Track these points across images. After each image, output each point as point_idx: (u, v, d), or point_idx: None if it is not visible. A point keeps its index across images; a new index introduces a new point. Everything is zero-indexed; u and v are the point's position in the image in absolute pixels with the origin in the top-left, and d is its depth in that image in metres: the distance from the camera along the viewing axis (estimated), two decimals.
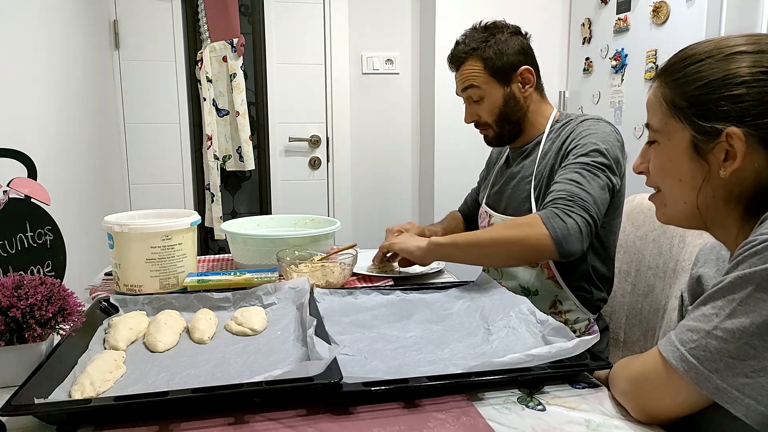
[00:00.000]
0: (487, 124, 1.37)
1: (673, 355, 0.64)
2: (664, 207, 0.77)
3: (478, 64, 1.32)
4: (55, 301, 0.79)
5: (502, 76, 1.32)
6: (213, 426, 0.66)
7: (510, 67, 1.32)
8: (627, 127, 2.29)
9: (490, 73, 1.31)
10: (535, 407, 0.71)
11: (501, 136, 1.38)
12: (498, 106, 1.33)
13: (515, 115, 1.35)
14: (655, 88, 0.74)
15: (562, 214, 1.10)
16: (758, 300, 0.58)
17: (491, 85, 1.32)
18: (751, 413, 0.58)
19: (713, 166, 0.68)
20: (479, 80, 1.32)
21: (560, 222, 1.09)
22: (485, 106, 1.34)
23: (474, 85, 1.32)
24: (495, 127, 1.36)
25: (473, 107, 1.37)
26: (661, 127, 0.72)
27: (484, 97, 1.33)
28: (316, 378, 0.69)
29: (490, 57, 1.31)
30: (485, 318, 1.00)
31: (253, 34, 2.65)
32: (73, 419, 0.66)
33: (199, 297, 1.06)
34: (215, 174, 2.58)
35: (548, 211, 1.12)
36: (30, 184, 1.05)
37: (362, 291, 1.13)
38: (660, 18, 2.06)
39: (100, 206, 2.13)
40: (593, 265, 1.29)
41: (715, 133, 0.66)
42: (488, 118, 1.35)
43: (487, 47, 1.31)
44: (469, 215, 1.62)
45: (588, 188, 1.14)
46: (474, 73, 1.32)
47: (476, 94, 1.33)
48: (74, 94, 1.94)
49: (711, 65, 0.67)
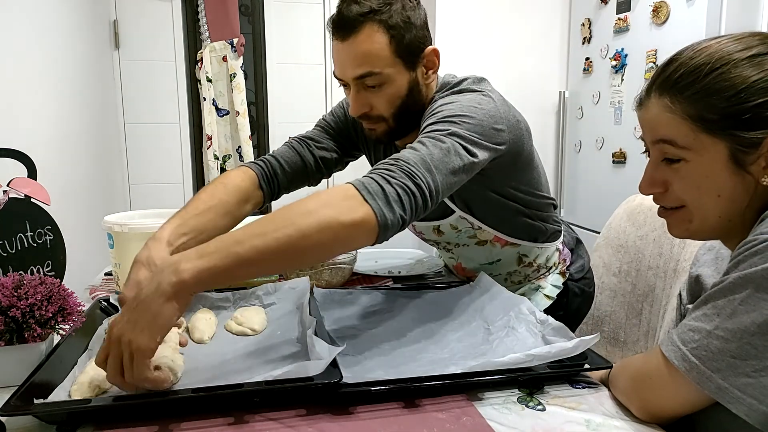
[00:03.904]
0: (380, 118, 1.04)
1: (674, 355, 0.64)
2: (688, 223, 0.72)
3: (380, 36, 0.96)
4: (55, 301, 0.79)
5: (408, 56, 0.99)
6: (213, 426, 0.66)
7: (418, 45, 1.00)
8: (627, 127, 2.29)
9: (397, 51, 0.97)
10: (535, 407, 0.71)
11: (394, 132, 1.07)
12: (400, 96, 1.01)
13: (416, 105, 1.04)
14: (669, 103, 0.68)
15: (384, 183, 0.78)
16: (759, 299, 0.58)
17: (396, 69, 0.99)
18: (753, 413, 0.58)
19: (755, 176, 0.65)
20: (382, 62, 0.97)
21: (381, 193, 0.77)
22: (383, 95, 1.00)
23: (374, 71, 0.97)
24: (390, 122, 1.04)
25: (364, 95, 1.01)
26: (689, 143, 0.67)
27: (384, 83, 0.99)
28: (316, 378, 0.69)
29: (396, 26, 0.96)
30: (485, 318, 1.00)
31: (253, 34, 2.65)
32: (73, 419, 0.66)
33: (199, 297, 1.06)
34: (215, 174, 2.58)
35: (367, 179, 0.79)
36: (30, 184, 1.05)
37: (362, 291, 1.13)
38: (660, 18, 2.06)
39: (100, 206, 2.13)
40: (528, 213, 1.16)
41: (756, 143, 0.64)
42: (384, 111, 1.02)
43: (393, 12, 0.96)
44: (291, 174, 1.18)
45: (425, 154, 0.84)
46: (376, 51, 0.96)
47: (374, 80, 0.98)
48: (74, 94, 1.94)
49: (730, 74, 0.64)
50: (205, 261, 0.68)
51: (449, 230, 1.19)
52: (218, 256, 0.69)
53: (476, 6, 2.58)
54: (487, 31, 2.62)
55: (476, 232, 1.18)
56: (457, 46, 2.59)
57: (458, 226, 1.17)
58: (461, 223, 1.16)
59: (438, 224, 1.19)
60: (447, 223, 1.18)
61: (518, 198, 1.14)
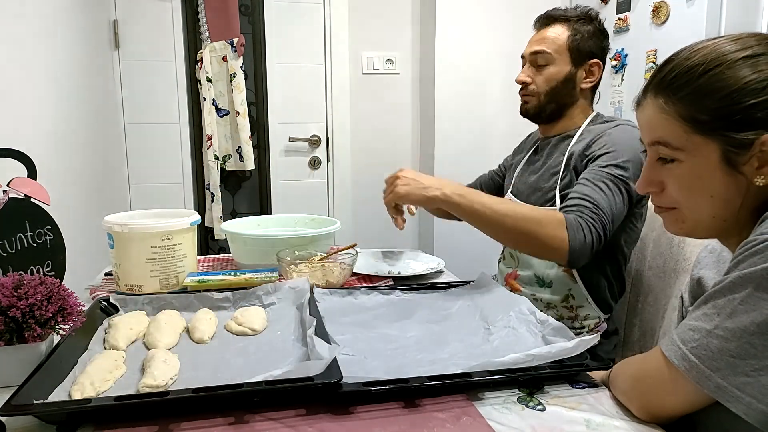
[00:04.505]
0: (535, 92, 1.35)
1: (674, 354, 0.64)
2: (682, 223, 0.73)
3: (563, 31, 1.32)
4: (55, 301, 0.79)
5: (578, 54, 1.32)
6: (213, 426, 0.66)
7: (587, 52, 1.32)
8: None
9: (569, 45, 1.31)
10: (535, 407, 0.71)
11: (541, 110, 1.36)
12: (557, 80, 1.32)
13: (565, 98, 1.34)
14: (663, 104, 0.69)
15: (585, 227, 1.10)
16: (759, 299, 0.59)
17: (563, 57, 1.32)
18: (752, 412, 0.58)
19: (748, 177, 0.66)
20: (555, 47, 1.31)
21: (581, 235, 1.09)
22: (545, 74, 1.33)
23: (545, 51, 1.32)
24: (542, 98, 1.35)
25: (531, 70, 1.35)
26: (682, 144, 0.68)
27: (549, 65, 1.32)
28: (316, 378, 0.69)
29: (579, 31, 1.31)
30: (485, 318, 1.00)
31: (253, 34, 2.65)
32: (73, 419, 0.66)
33: (199, 297, 1.06)
34: (215, 174, 2.58)
35: (574, 219, 1.11)
36: (30, 184, 1.05)
37: (362, 291, 1.13)
38: (660, 18, 2.06)
39: (100, 206, 2.13)
40: (610, 265, 1.29)
41: (747, 143, 0.64)
42: (541, 87, 1.34)
43: (583, 24, 1.32)
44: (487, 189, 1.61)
45: (612, 204, 1.14)
46: (554, 38, 1.32)
47: (545, 58, 1.32)
48: (74, 94, 1.94)
49: (724, 74, 0.65)
50: (457, 195, 1.13)
51: None
52: (466, 199, 1.13)
53: (476, 6, 2.58)
54: (487, 32, 2.62)
55: None
56: (457, 45, 2.59)
57: None
58: None
59: None
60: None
61: (615, 245, 1.28)
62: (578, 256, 1.10)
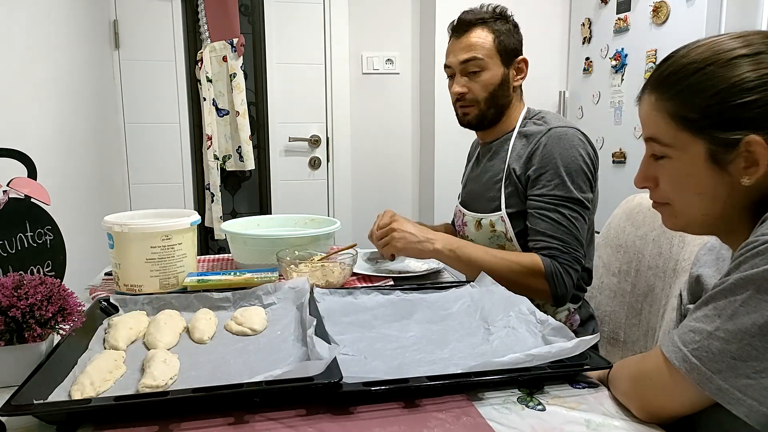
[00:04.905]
0: (474, 101, 1.32)
1: (675, 356, 0.64)
2: (675, 218, 0.74)
3: (487, 35, 1.29)
4: (55, 301, 0.79)
5: (506, 55, 1.30)
6: (213, 426, 0.66)
7: (513, 50, 1.31)
8: (627, 127, 2.29)
9: (497, 47, 1.29)
10: (535, 407, 0.71)
11: (483, 118, 1.34)
12: (494, 84, 1.30)
13: (503, 100, 1.33)
14: (654, 101, 0.71)
15: (565, 274, 1.19)
16: (760, 301, 0.58)
17: (494, 61, 1.29)
18: (753, 414, 0.58)
19: (735, 176, 0.66)
20: (485, 52, 1.29)
21: (561, 281, 1.19)
22: (481, 81, 1.30)
23: (477, 57, 1.28)
24: (482, 105, 1.32)
25: (465, 79, 1.32)
26: (671, 141, 0.69)
27: (484, 70, 1.30)
28: (316, 378, 0.69)
29: (501, 31, 1.30)
30: (485, 318, 1.00)
31: (253, 34, 2.65)
32: (73, 419, 0.66)
33: (199, 297, 1.06)
34: (215, 174, 2.58)
35: (551, 267, 1.19)
36: (30, 184, 1.05)
37: (362, 291, 1.13)
38: (660, 18, 2.06)
39: (100, 206, 2.13)
40: None
41: (733, 143, 0.64)
42: (479, 94, 1.31)
43: (500, 23, 1.30)
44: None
45: (575, 230, 1.21)
46: (481, 43, 1.29)
47: (477, 65, 1.29)
48: (74, 94, 1.94)
49: (715, 73, 0.65)
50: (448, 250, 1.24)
51: (486, 228, 1.32)
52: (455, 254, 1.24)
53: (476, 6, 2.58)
54: None
55: (506, 243, 1.30)
56: None
57: (496, 227, 1.31)
58: (499, 225, 1.30)
59: (481, 218, 1.34)
60: (489, 219, 1.32)
61: None
62: (561, 299, 1.22)
